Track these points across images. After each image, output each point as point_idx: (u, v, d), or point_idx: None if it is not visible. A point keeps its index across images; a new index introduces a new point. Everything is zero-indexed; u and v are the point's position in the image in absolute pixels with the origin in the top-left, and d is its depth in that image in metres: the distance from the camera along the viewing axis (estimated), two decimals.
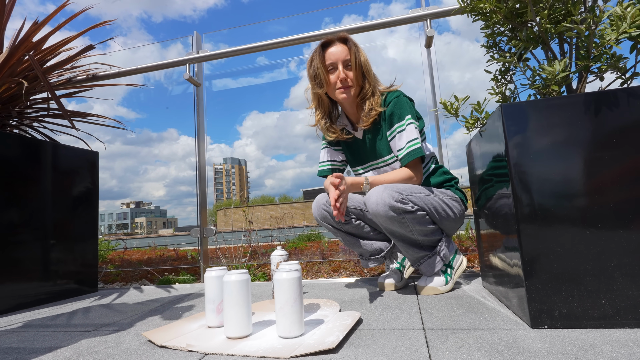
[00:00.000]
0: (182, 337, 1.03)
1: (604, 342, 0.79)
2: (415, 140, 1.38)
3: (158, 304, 1.59)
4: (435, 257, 1.38)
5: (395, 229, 1.32)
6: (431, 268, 1.38)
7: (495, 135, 1.05)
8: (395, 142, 1.43)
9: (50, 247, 1.83)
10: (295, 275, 0.96)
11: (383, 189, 1.29)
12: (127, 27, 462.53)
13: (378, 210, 1.28)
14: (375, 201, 1.28)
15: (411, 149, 1.38)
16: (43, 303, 1.75)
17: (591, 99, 0.92)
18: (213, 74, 2.65)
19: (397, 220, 1.29)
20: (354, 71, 1.44)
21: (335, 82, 1.44)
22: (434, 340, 0.88)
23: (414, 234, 1.34)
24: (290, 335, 0.94)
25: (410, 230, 1.32)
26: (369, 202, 1.30)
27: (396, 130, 1.42)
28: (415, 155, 1.37)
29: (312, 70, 1.48)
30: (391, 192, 1.28)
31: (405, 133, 1.40)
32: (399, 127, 1.42)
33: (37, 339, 1.13)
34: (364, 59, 1.46)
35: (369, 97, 1.46)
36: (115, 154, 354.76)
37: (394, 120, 1.43)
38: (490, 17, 1.17)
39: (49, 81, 1.94)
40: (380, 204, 1.27)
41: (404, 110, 1.42)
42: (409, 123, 1.40)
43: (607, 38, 0.93)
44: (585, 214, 0.90)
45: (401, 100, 1.43)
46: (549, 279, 0.90)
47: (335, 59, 1.44)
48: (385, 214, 1.28)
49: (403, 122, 1.41)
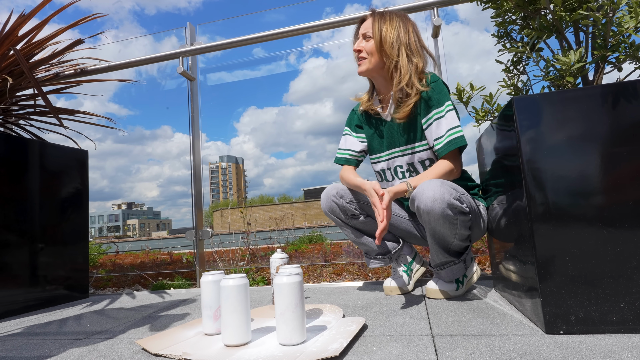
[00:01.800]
0: (177, 345, 1.03)
1: (622, 348, 0.79)
2: (457, 128, 1.34)
3: (152, 310, 1.59)
4: (460, 265, 1.35)
5: (442, 229, 1.25)
6: (453, 275, 1.36)
7: (506, 129, 1.05)
8: (432, 131, 1.37)
9: (39, 251, 1.84)
10: (296, 279, 0.96)
11: (440, 183, 1.20)
12: (119, 19, 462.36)
13: (434, 207, 1.19)
14: (432, 196, 1.19)
15: (452, 137, 1.32)
16: (32, 310, 1.76)
17: (609, 91, 0.91)
18: (208, 68, 2.65)
19: (450, 220, 1.22)
20: (374, 43, 1.43)
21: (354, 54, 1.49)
22: (443, 347, 0.88)
23: (455, 238, 1.28)
24: (291, 342, 0.94)
25: (454, 233, 1.26)
26: (422, 197, 1.21)
27: (434, 117, 1.37)
28: (457, 144, 1.32)
29: None
30: (449, 189, 1.21)
31: (445, 120, 1.35)
32: (437, 113, 1.36)
33: (25, 348, 1.14)
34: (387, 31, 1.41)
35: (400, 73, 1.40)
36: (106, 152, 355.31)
37: (431, 106, 1.37)
38: (501, 4, 1.16)
39: (35, 77, 1.95)
40: (438, 200, 1.18)
41: (443, 96, 1.37)
42: (449, 110, 1.35)
43: (626, 26, 0.93)
44: (603, 213, 0.89)
45: (440, 85, 1.38)
46: (565, 282, 0.90)
47: (359, 33, 1.49)
48: (442, 213, 1.19)
49: (443, 109, 1.36)
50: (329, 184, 1.65)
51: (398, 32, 1.42)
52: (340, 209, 1.48)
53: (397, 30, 1.42)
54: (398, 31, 1.42)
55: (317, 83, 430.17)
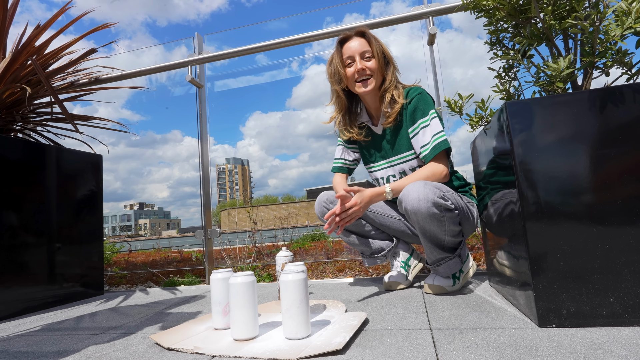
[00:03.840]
0: (189, 339, 1.03)
1: (612, 340, 0.79)
2: (441, 132, 1.36)
3: (164, 306, 1.60)
4: (456, 260, 1.35)
5: (431, 227, 1.26)
6: (449, 270, 1.36)
7: (500, 133, 1.05)
8: (419, 139, 1.40)
9: (56, 250, 1.84)
10: (301, 276, 0.96)
11: (423, 184, 1.22)
12: (132, 30, 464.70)
13: (420, 207, 1.21)
14: (417, 197, 1.21)
15: (437, 142, 1.35)
16: (50, 307, 1.77)
17: (597, 96, 0.91)
18: (215, 75, 2.66)
19: (437, 218, 1.23)
20: (375, 61, 1.43)
21: (353, 74, 1.44)
22: (441, 340, 0.89)
23: (446, 234, 1.29)
24: (297, 336, 0.94)
25: (444, 230, 1.27)
26: (408, 199, 1.23)
27: (420, 126, 1.39)
28: (441, 148, 1.34)
29: (331, 69, 1.48)
30: (432, 189, 1.22)
31: (430, 128, 1.37)
32: (422, 122, 1.39)
33: (45, 343, 1.15)
34: (385, 49, 1.45)
35: (392, 88, 1.44)
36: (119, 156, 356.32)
37: (416, 116, 1.40)
38: (494, 14, 1.16)
39: (52, 85, 1.96)
40: (423, 200, 1.20)
41: (427, 106, 1.40)
42: (433, 117, 1.38)
43: (612, 34, 0.93)
44: (592, 211, 0.89)
45: (425, 96, 1.42)
46: (557, 278, 0.90)
47: (352, 52, 1.44)
48: (428, 211, 1.21)
49: (427, 118, 1.38)
50: (330, 184, 1.67)
51: (388, 50, 1.47)
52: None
53: (387, 48, 1.47)
54: (388, 50, 1.47)
55: (318, 88, 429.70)
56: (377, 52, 1.43)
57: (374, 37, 1.45)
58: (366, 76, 1.43)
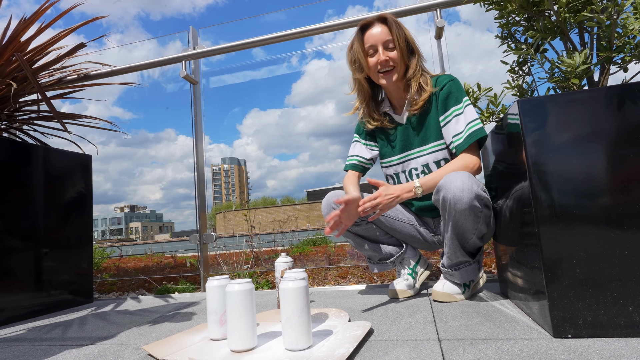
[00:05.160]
0: (183, 350, 1.03)
1: (632, 352, 0.79)
2: (476, 120, 1.34)
3: (157, 314, 1.60)
4: (475, 266, 1.35)
5: (465, 222, 1.23)
6: (467, 276, 1.35)
7: (511, 131, 1.05)
8: (451, 127, 1.38)
9: (43, 256, 1.85)
10: (302, 284, 0.96)
11: (468, 175, 1.20)
12: (125, 25, 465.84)
13: (462, 197, 1.18)
14: (461, 186, 1.18)
15: (472, 130, 1.33)
16: (37, 315, 1.77)
17: (614, 93, 0.91)
18: (211, 71, 2.66)
19: (475, 213, 1.21)
20: (397, 50, 1.42)
21: (376, 65, 1.43)
22: (450, 351, 0.88)
23: (475, 234, 1.28)
24: (297, 347, 0.94)
25: (476, 227, 1.26)
26: (450, 187, 1.20)
27: (453, 113, 1.38)
28: (477, 136, 1.32)
29: (352, 56, 1.48)
30: (476, 181, 1.20)
31: (464, 115, 1.36)
32: (456, 110, 1.38)
33: (32, 354, 1.15)
34: (409, 36, 1.44)
35: (418, 76, 1.43)
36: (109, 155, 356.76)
37: (449, 103, 1.39)
38: (505, 6, 1.16)
39: (39, 82, 1.96)
40: (467, 190, 1.17)
41: (461, 93, 1.39)
42: (467, 105, 1.37)
43: (631, 27, 0.92)
44: (610, 215, 0.89)
45: (457, 83, 1.41)
46: (572, 285, 0.90)
47: (374, 41, 1.42)
48: (469, 203, 1.18)
49: (461, 105, 1.37)
50: (331, 185, 1.65)
51: (412, 37, 1.46)
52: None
53: (411, 35, 1.46)
54: (412, 37, 1.46)
55: (319, 85, 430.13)
56: (399, 40, 1.41)
57: (396, 24, 1.43)
58: (389, 67, 1.43)
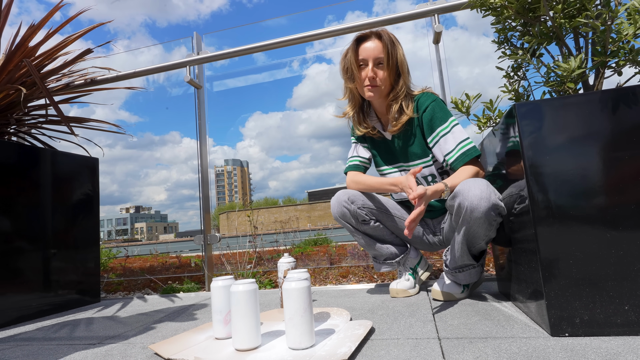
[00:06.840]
0: (189, 349, 1.04)
1: (628, 350, 0.79)
2: (467, 140, 1.35)
3: (163, 314, 1.60)
4: (478, 269, 1.34)
5: (478, 229, 1.22)
6: (470, 278, 1.35)
7: (509, 134, 1.05)
8: (441, 147, 1.39)
9: (51, 256, 1.85)
10: (304, 284, 0.96)
11: (486, 183, 1.19)
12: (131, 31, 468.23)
13: (480, 205, 1.16)
14: (479, 195, 1.17)
15: (464, 150, 1.34)
16: (45, 315, 1.78)
17: (609, 96, 0.91)
18: (214, 75, 2.67)
19: (490, 221, 1.20)
20: (385, 70, 1.42)
21: (364, 79, 1.44)
22: (450, 350, 0.89)
23: (484, 239, 1.27)
24: (300, 346, 0.94)
25: (486, 234, 1.25)
26: (468, 194, 1.18)
27: (440, 134, 1.39)
28: (471, 155, 1.33)
29: (345, 64, 1.48)
30: (494, 189, 1.19)
31: (452, 135, 1.36)
32: (442, 130, 1.38)
33: (41, 353, 1.15)
34: (400, 57, 1.44)
35: (400, 98, 1.44)
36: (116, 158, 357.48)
37: (434, 125, 1.40)
38: (501, 12, 1.17)
39: (47, 87, 1.97)
40: (485, 199, 1.16)
41: (445, 113, 1.40)
42: (454, 125, 1.38)
43: (625, 33, 0.93)
44: (606, 215, 0.89)
45: (440, 103, 1.42)
46: (569, 285, 0.90)
47: (366, 55, 1.43)
48: (485, 212, 1.17)
49: (447, 125, 1.38)
50: (332, 186, 1.65)
51: (403, 58, 1.46)
52: (352, 215, 1.48)
53: (402, 56, 1.46)
54: (403, 57, 1.46)
55: (319, 88, 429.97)
56: (391, 60, 1.41)
57: (391, 42, 1.42)
58: (375, 84, 1.43)
